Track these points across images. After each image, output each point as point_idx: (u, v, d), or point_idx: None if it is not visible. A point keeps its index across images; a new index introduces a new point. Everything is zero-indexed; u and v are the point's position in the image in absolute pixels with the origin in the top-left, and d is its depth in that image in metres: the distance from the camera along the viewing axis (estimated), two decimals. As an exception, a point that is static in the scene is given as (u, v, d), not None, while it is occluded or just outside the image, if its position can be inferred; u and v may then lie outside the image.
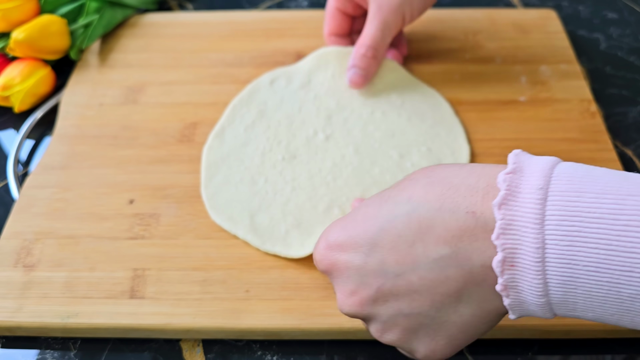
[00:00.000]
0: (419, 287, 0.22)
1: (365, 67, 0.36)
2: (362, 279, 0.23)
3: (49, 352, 0.30)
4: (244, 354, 0.30)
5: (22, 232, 0.34)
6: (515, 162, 0.21)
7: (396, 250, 0.22)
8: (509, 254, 0.20)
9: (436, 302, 0.22)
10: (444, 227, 0.21)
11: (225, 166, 0.36)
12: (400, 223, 0.22)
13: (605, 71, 0.44)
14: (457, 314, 0.22)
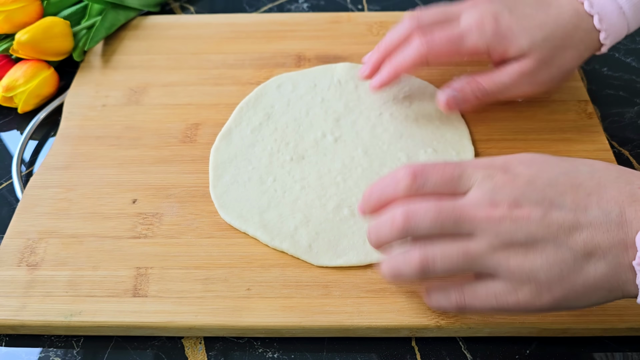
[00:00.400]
0: (583, 227, 0.24)
1: (463, 99, 0.35)
2: (532, 195, 0.24)
3: (52, 350, 0.31)
4: (246, 351, 0.31)
5: (25, 231, 0.34)
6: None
7: (574, 192, 0.24)
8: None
9: (588, 246, 0.24)
10: (618, 191, 0.24)
11: (232, 166, 0.36)
12: (583, 175, 0.25)
13: (603, 72, 0.45)
14: (593, 267, 0.24)
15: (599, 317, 0.30)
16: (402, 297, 0.31)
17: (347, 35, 0.46)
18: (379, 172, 0.36)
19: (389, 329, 0.30)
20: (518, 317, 0.30)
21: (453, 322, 0.30)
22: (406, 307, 0.30)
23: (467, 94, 0.35)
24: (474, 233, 0.25)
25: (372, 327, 0.30)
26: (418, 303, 0.30)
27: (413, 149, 0.37)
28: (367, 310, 0.30)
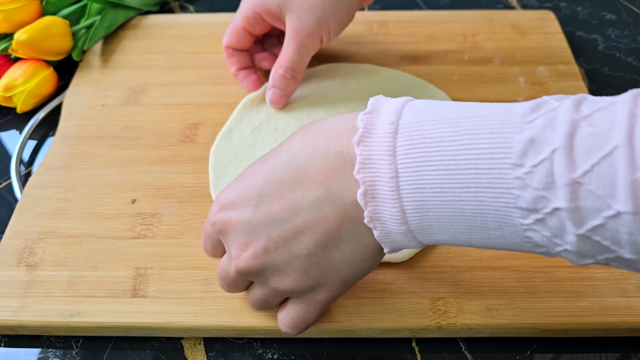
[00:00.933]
0: (303, 229, 0.23)
1: (284, 87, 0.37)
2: (253, 230, 0.24)
3: (51, 350, 0.31)
4: (245, 352, 0.30)
5: (24, 231, 0.34)
6: (372, 104, 0.23)
7: (280, 198, 0.24)
8: (369, 187, 0.22)
9: (320, 241, 0.24)
10: (317, 170, 0.23)
11: (232, 166, 0.36)
12: (281, 172, 0.24)
13: (604, 72, 0.45)
14: (340, 250, 0.24)
15: (600, 317, 0.30)
16: (403, 298, 0.31)
17: (347, 35, 0.46)
18: None
19: (389, 329, 0.30)
20: (518, 318, 0.30)
21: (454, 323, 0.29)
22: (406, 308, 0.30)
23: (281, 82, 0.36)
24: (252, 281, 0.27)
25: (372, 328, 0.30)
26: (418, 304, 0.30)
27: None
28: (367, 311, 0.30)
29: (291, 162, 0.24)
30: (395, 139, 0.21)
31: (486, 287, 0.31)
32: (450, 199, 0.21)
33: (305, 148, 0.24)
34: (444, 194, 0.21)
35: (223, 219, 0.25)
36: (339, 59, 0.44)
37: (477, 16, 0.47)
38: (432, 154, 0.21)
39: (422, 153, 0.21)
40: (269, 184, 0.24)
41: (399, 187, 0.21)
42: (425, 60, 0.43)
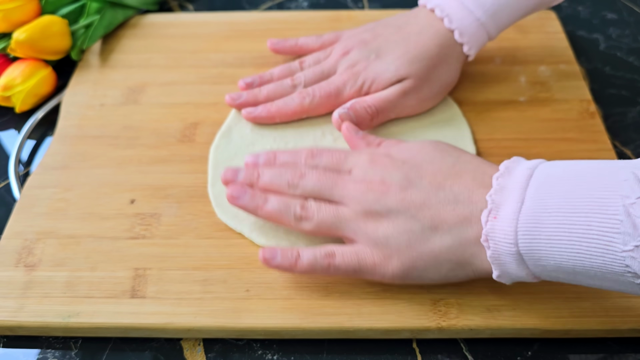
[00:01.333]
0: (432, 203, 0.28)
1: (356, 116, 0.35)
2: (400, 177, 0.29)
3: (50, 351, 0.31)
4: (245, 353, 0.30)
5: (23, 232, 0.34)
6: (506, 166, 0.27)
7: (433, 177, 0.29)
8: (494, 207, 0.26)
9: (434, 221, 0.27)
10: (472, 179, 0.28)
11: (232, 165, 0.36)
12: (446, 164, 0.29)
13: (605, 71, 0.45)
14: (439, 239, 0.27)
15: (601, 318, 0.30)
16: (403, 298, 0.30)
17: (347, 34, 0.45)
18: None
19: (390, 330, 0.30)
20: (519, 319, 0.30)
21: (454, 324, 0.29)
22: (407, 308, 0.30)
23: (358, 110, 0.36)
24: (343, 201, 0.30)
25: (373, 329, 0.30)
26: (419, 305, 0.30)
27: None
28: (368, 311, 0.30)
29: (457, 164, 0.29)
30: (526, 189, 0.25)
31: (487, 288, 0.31)
32: (562, 222, 0.23)
33: (472, 162, 0.29)
34: (558, 218, 0.24)
35: (382, 161, 0.30)
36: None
37: (478, 15, 0.46)
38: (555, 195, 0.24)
39: (542, 216, 0.24)
40: (430, 165, 0.29)
41: (520, 212, 0.25)
42: (425, 59, 0.43)
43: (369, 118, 0.36)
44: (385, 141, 0.32)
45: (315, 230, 0.30)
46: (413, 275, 0.29)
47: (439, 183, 0.28)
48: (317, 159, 0.31)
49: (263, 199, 0.31)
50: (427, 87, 0.37)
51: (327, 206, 0.30)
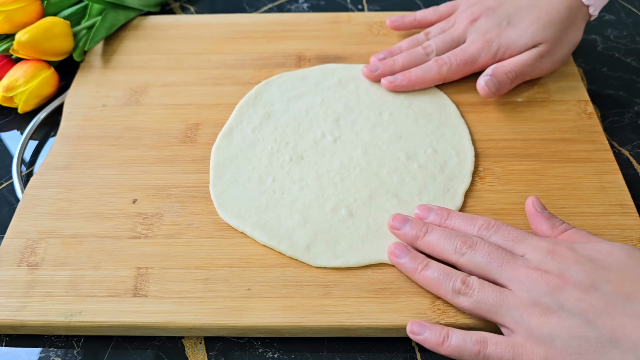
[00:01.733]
0: (617, 313, 0.25)
1: (498, 81, 0.38)
2: (582, 275, 0.26)
3: (52, 350, 0.31)
4: (246, 351, 0.31)
5: (26, 231, 0.34)
6: None
7: (620, 284, 0.26)
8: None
9: (616, 334, 0.24)
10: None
11: (233, 166, 0.36)
12: (634, 270, 0.26)
13: (603, 72, 0.45)
14: (618, 356, 0.24)
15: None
16: (403, 297, 0.31)
17: (347, 36, 0.46)
18: (377, 172, 0.36)
19: (389, 328, 0.30)
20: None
21: (453, 322, 0.30)
22: (406, 307, 0.30)
23: (499, 76, 0.38)
24: (509, 285, 0.27)
25: (373, 327, 0.30)
26: (418, 303, 0.30)
27: (412, 149, 0.37)
28: (368, 310, 0.30)
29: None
30: None
31: (486, 287, 0.31)
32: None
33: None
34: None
35: (561, 252, 0.27)
36: (339, 60, 0.44)
37: (477, 17, 0.47)
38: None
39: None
40: (619, 271, 0.26)
41: None
42: (425, 60, 0.43)
43: (509, 82, 0.38)
44: (571, 230, 0.30)
45: (472, 308, 0.28)
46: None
47: (629, 293, 0.25)
48: (491, 231, 0.29)
49: (424, 263, 0.29)
50: (560, 49, 0.39)
51: (491, 286, 0.27)
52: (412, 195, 0.35)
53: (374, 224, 0.33)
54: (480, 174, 0.36)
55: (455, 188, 0.35)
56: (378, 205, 0.34)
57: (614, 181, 0.36)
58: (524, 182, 0.36)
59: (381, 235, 0.33)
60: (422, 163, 0.36)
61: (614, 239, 0.33)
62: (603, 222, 0.34)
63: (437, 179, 0.36)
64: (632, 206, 0.34)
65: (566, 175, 0.36)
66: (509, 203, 0.35)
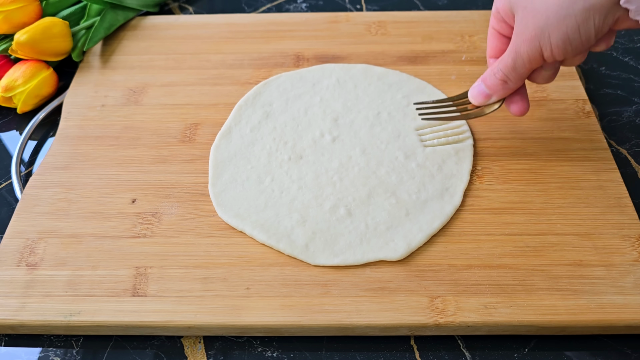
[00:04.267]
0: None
1: (490, 86, 0.33)
2: None
3: (51, 350, 0.31)
4: (245, 350, 0.31)
5: (25, 231, 0.34)
6: None
7: None
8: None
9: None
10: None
11: (232, 165, 0.36)
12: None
13: (600, 71, 0.45)
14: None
15: (598, 315, 0.30)
16: (401, 296, 0.31)
17: (345, 35, 0.46)
18: (376, 171, 0.36)
19: (388, 327, 0.30)
20: (516, 316, 0.30)
21: (452, 321, 0.30)
22: (405, 305, 0.30)
23: (490, 79, 0.33)
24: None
25: (371, 326, 0.30)
26: (417, 302, 0.30)
27: (411, 148, 0.37)
28: (366, 309, 0.30)
29: None
30: None
31: (484, 285, 0.31)
32: None
33: None
34: None
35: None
36: (337, 59, 0.44)
37: (475, 16, 0.47)
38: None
39: None
40: None
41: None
42: (423, 60, 0.44)
43: (502, 84, 0.33)
44: None
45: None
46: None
47: None
48: None
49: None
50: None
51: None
52: (411, 194, 0.35)
53: (372, 222, 0.33)
54: (478, 172, 0.36)
55: (454, 187, 0.35)
56: (376, 204, 0.34)
57: (612, 180, 0.36)
58: (523, 180, 0.36)
59: (379, 234, 0.33)
60: (421, 162, 0.36)
61: (612, 237, 0.33)
62: (601, 221, 0.34)
63: (435, 178, 0.36)
64: (630, 204, 0.34)
65: (564, 174, 0.36)
66: (508, 202, 0.35)
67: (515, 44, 0.31)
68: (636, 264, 0.32)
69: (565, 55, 0.30)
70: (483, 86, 0.34)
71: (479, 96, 0.34)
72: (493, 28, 0.34)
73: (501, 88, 0.33)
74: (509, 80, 0.33)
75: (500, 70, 0.33)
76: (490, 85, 0.33)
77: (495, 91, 0.34)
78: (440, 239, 0.33)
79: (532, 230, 0.33)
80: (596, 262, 0.32)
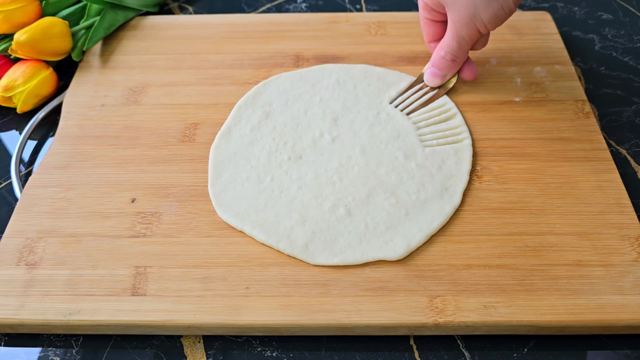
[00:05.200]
0: None
1: (442, 68, 0.39)
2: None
3: (51, 349, 0.31)
4: (244, 350, 0.31)
5: (24, 230, 0.34)
6: None
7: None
8: None
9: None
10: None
11: (231, 165, 0.37)
12: None
13: (600, 71, 0.45)
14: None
15: (597, 315, 0.30)
16: (400, 295, 0.31)
17: (345, 36, 0.46)
18: (375, 171, 0.36)
19: (387, 327, 0.30)
20: (515, 316, 0.30)
21: (451, 321, 0.30)
22: (404, 305, 0.30)
23: (440, 63, 0.39)
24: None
25: (371, 326, 0.30)
26: (416, 301, 0.30)
27: (410, 148, 0.37)
28: (366, 308, 0.30)
29: None
30: None
31: (483, 285, 0.31)
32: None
33: None
34: None
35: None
36: (337, 60, 0.44)
37: (475, 17, 0.47)
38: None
39: None
40: None
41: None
42: (422, 60, 0.44)
43: (452, 64, 0.39)
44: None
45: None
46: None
47: None
48: None
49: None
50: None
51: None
52: (410, 194, 0.35)
53: (372, 222, 0.33)
54: (478, 173, 0.37)
55: (454, 187, 0.35)
56: (376, 204, 0.34)
57: (611, 180, 0.36)
58: (522, 181, 0.36)
59: (379, 233, 0.33)
60: (420, 162, 0.36)
61: (611, 238, 0.33)
62: (600, 221, 0.34)
63: (434, 178, 0.36)
64: (630, 205, 0.34)
65: (564, 174, 0.36)
66: (507, 202, 0.35)
67: (455, 29, 0.37)
68: (635, 264, 0.32)
69: (497, 26, 0.37)
70: (436, 70, 0.40)
71: (435, 79, 0.40)
72: (425, 18, 0.39)
73: (452, 67, 0.39)
74: (457, 58, 0.39)
75: (448, 53, 0.38)
76: (443, 67, 0.39)
77: (448, 70, 0.40)
78: (440, 239, 0.33)
79: (532, 231, 0.33)
80: (595, 262, 0.32)
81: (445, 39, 0.38)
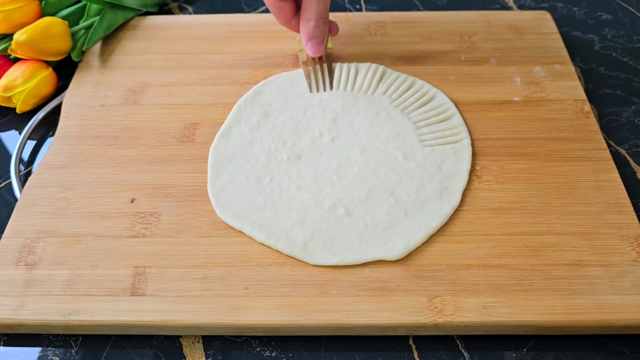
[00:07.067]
0: None
1: (319, 35, 0.41)
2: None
3: (50, 349, 0.31)
4: (243, 350, 0.31)
5: (24, 230, 0.34)
6: None
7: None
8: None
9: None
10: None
11: (231, 165, 0.37)
12: None
13: (600, 71, 0.45)
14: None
15: (596, 315, 0.30)
16: (400, 295, 0.31)
17: (345, 35, 0.46)
18: (375, 171, 0.36)
19: (387, 327, 0.30)
20: (515, 316, 0.30)
21: (450, 321, 0.30)
22: (403, 305, 0.30)
23: (315, 31, 0.40)
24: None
25: (370, 326, 0.30)
26: (415, 302, 0.30)
27: (410, 148, 0.37)
28: (365, 308, 0.30)
29: None
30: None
31: (482, 285, 0.31)
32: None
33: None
34: None
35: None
36: (337, 59, 0.44)
37: (474, 17, 0.47)
38: None
39: None
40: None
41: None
42: (422, 60, 0.44)
43: (325, 26, 0.41)
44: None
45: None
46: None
47: None
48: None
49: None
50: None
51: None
52: (409, 194, 0.35)
53: (371, 222, 0.33)
54: (477, 172, 0.37)
55: (453, 187, 0.35)
56: (375, 204, 0.34)
57: (610, 180, 0.36)
58: (521, 181, 0.36)
59: (378, 233, 0.33)
60: (420, 162, 0.36)
61: (611, 238, 0.33)
62: (600, 221, 0.34)
63: (434, 178, 0.36)
64: (629, 205, 0.34)
65: (563, 174, 0.36)
66: (506, 202, 0.35)
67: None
68: (635, 264, 0.32)
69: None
70: (314, 40, 0.41)
71: (318, 48, 0.41)
72: (275, 3, 0.40)
73: (325, 29, 0.41)
74: (326, 19, 0.40)
75: (319, 19, 0.40)
76: (320, 33, 0.41)
77: (324, 35, 0.41)
78: (439, 239, 0.33)
79: (531, 230, 0.33)
80: (595, 262, 0.32)
81: (310, 8, 0.39)
